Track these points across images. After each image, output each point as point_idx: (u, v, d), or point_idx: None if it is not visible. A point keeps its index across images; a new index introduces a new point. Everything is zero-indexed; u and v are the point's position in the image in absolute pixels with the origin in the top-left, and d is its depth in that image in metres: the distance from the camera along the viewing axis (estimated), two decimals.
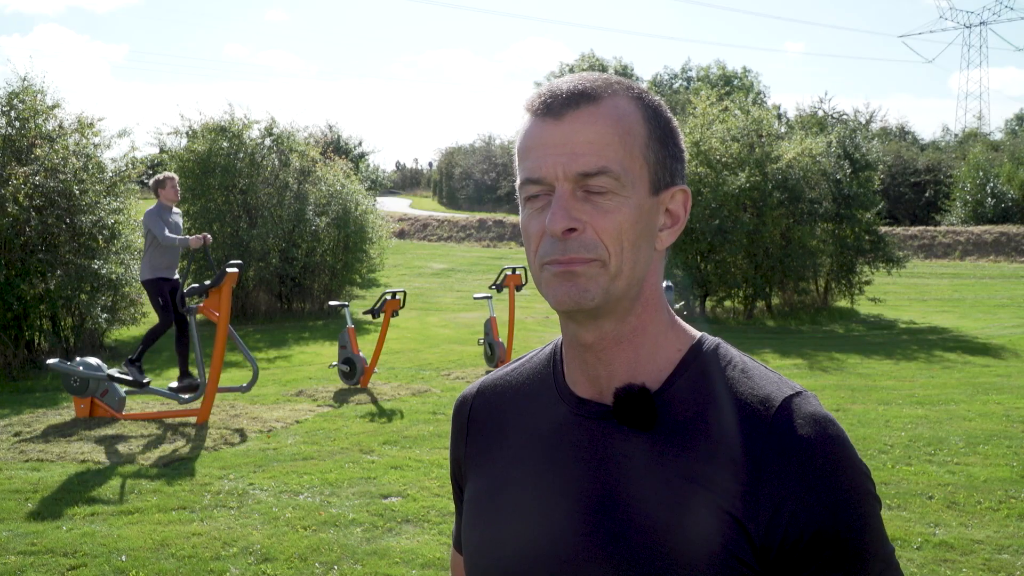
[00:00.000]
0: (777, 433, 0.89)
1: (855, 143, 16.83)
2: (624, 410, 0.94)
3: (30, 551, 4.41)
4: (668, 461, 0.91)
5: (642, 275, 0.95)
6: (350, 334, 8.75)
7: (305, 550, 4.42)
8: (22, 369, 9.82)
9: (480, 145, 52.45)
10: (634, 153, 0.92)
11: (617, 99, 0.94)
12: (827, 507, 0.86)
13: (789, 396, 0.91)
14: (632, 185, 0.92)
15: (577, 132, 0.91)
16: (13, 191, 9.65)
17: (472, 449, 1.09)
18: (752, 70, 66.40)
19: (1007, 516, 4.88)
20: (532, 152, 0.93)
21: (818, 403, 0.93)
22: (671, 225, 0.98)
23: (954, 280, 22.46)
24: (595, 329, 0.95)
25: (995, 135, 50.42)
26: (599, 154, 0.90)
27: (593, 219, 0.90)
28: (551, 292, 0.92)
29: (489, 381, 1.13)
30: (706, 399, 0.93)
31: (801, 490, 0.86)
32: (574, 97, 0.92)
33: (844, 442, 0.89)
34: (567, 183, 0.90)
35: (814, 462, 0.87)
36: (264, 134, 15.40)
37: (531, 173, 0.92)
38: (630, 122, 0.93)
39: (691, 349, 0.98)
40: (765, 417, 0.90)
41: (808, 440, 0.88)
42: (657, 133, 0.95)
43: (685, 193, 0.98)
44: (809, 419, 0.89)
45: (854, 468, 0.89)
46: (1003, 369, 10.24)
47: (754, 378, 0.94)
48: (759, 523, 0.87)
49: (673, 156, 0.97)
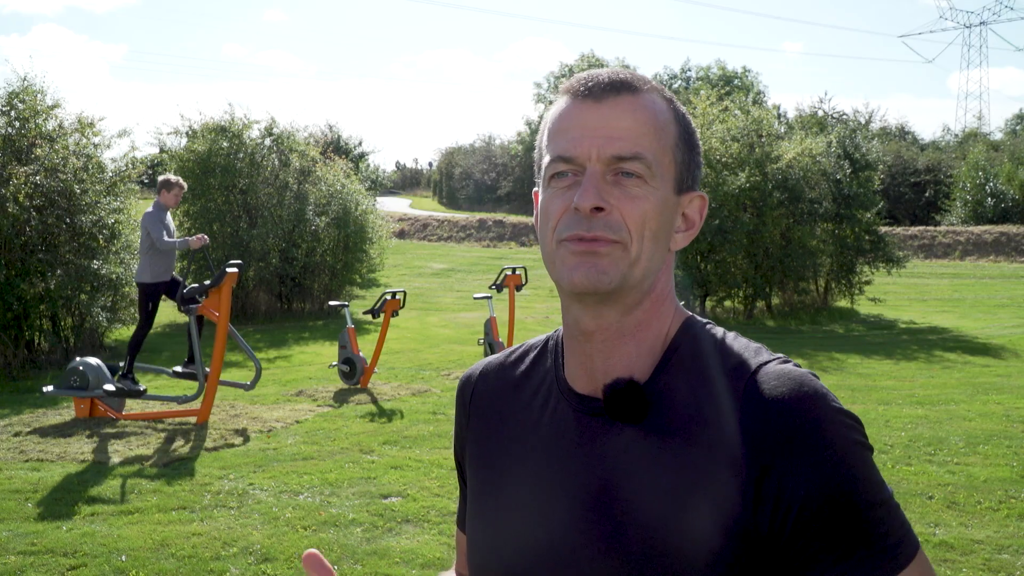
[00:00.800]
0: (753, 401, 0.88)
1: (855, 143, 16.82)
2: (614, 404, 0.93)
3: (30, 551, 4.41)
4: (664, 453, 0.91)
5: (656, 269, 0.95)
6: (350, 334, 8.76)
7: (305, 550, 4.42)
8: (22, 369, 9.83)
9: (480, 145, 52.45)
10: (665, 148, 0.94)
11: (654, 95, 0.96)
12: (816, 469, 0.84)
13: (763, 362, 0.91)
14: (661, 177, 0.93)
15: (616, 117, 0.93)
16: (13, 191, 9.65)
17: (473, 433, 1.10)
18: (752, 70, 66.36)
19: (1007, 516, 4.88)
20: (568, 132, 0.94)
21: (793, 365, 0.91)
22: (686, 229, 0.99)
23: (954, 280, 22.46)
24: (599, 317, 0.95)
25: (995, 135, 50.42)
26: (635, 141, 0.92)
27: (621, 203, 0.91)
28: (568, 270, 0.92)
29: (492, 365, 1.12)
30: (693, 384, 0.93)
31: (787, 457, 0.84)
32: (615, 84, 0.94)
33: (822, 397, 0.87)
34: (599, 164, 0.91)
35: (793, 425, 0.85)
36: (264, 134, 15.40)
37: (564, 151, 0.93)
38: (665, 119, 0.95)
39: (675, 336, 0.97)
40: (739, 387, 0.89)
41: (783, 402, 0.86)
42: (685, 136, 0.97)
43: (703, 200, 1.00)
44: (782, 379, 0.88)
45: (837, 422, 0.86)
46: (1003, 369, 10.24)
47: (732, 352, 0.94)
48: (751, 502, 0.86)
49: (695, 163, 0.99)
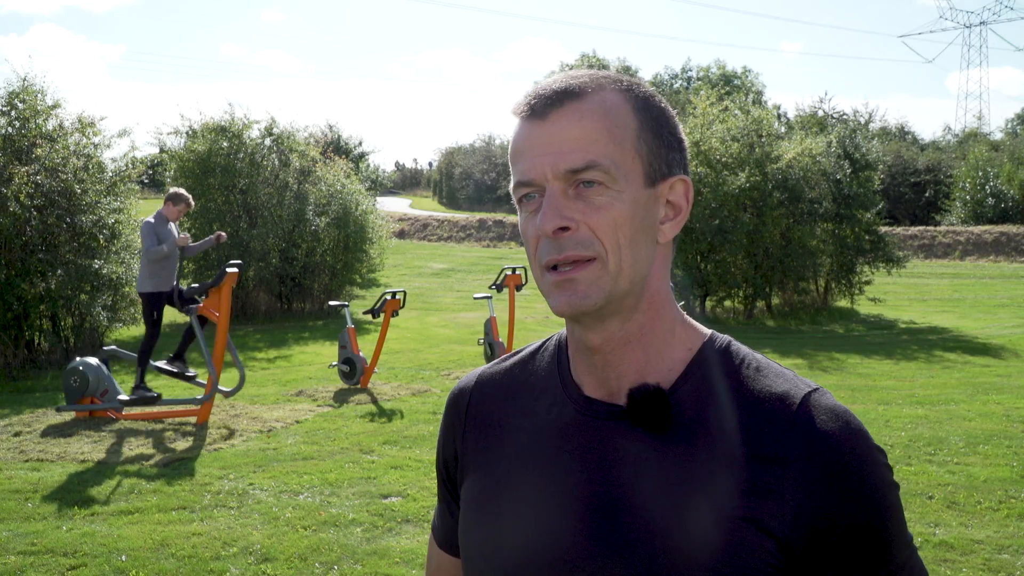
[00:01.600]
0: (800, 430, 0.88)
1: (855, 143, 16.83)
2: (639, 411, 0.91)
3: (30, 551, 4.41)
4: (680, 463, 0.89)
5: (645, 272, 0.92)
6: (350, 334, 8.75)
7: (305, 550, 4.42)
8: (22, 369, 9.83)
9: (480, 145, 52.43)
10: (624, 146, 0.90)
11: (603, 93, 0.91)
12: (856, 500, 0.86)
13: (808, 392, 0.91)
14: (625, 179, 0.89)
15: (562, 130, 0.89)
16: (14, 190, 9.65)
17: (470, 445, 1.05)
18: (752, 70, 66.40)
19: (1007, 516, 4.88)
20: (521, 155, 0.91)
21: (834, 399, 0.92)
22: (673, 216, 0.95)
23: (954, 280, 22.46)
24: (601, 331, 0.93)
25: (995, 135, 50.45)
26: (586, 149, 0.88)
27: (586, 216, 0.88)
28: (552, 299, 0.91)
29: (487, 374, 1.09)
30: (719, 398, 0.92)
31: (829, 485, 0.86)
32: (558, 96, 0.90)
33: (865, 435, 0.89)
34: (557, 182, 0.89)
35: (840, 457, 0.87)
36: (264, 134, 15.41)
37: (522, 176, 0.91)
38: (618, 115, 0.91)
39: (702, 348, 0.96)
40: (786, 414, 0.89)
41: (832, 435, 0.87)
42: (649, 124, 0.92)
43: (685, 183, 0.95)
44: (831, 414, 0.89)
45: (877, 460, 0.89)
46: (1003, 369, 10.24)
47: (769, 376, 0.93)
48: (784, 521, 0.86)
49: (669, 146, 0.94)
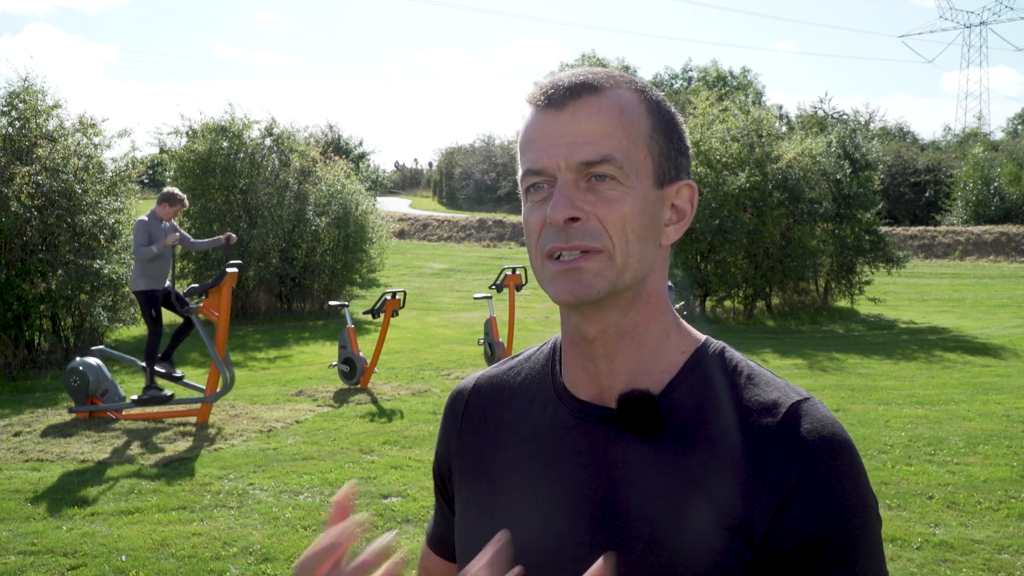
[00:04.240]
0: (784, 438, 0.87)
1: (855, 143, 16.83)
2: (629, 416, 0.91)
3: (30, 551, 4.42)
4: (670, 467, 0.89)
5: (646, 270, 0.93)
6: (350, 334, 8.75)
7: (305, 550, 4.42)
8: (22, 369, 9.83)
9: (480, 145, 52.47)
10: (638, 144, 0.91)
11: (619, 90, 0.92)
12: (831, 510, 0.85)
13: (797, 402, 0.90)
14: (636, 175, 0.90)
15: (579, 122, 0.89)
16: (15, 190, 9.65)
17: (465, 447, 1.06)
18: (751, 70, 66.42)
19: (1007, 516, 4.88)
20: (534, 143, 0.91)
21: (826, 409, 0.91)
22: (677, 220, 0.95)
23: (954, 280, 22.46)
24: (598, 321, 0.93)
25: (995, 135, 50.48)
26: (601, 143, 0.88)
27: (597, 208, 0.88)
28: (554, 287, 0.90)
29: (485, 377, 1.09)
30: (710, 404, 0.92)
31: (805, 493, 0.85)
32: (576, 88, 0.91)
33: (848, 448, 0.88)
34: (569, 173, 0.89)
35: (819, 467, 0.86)
36: (264, 134, 15.41)
37: (532, 164, 0.91)
38: (633, 113, 0.91)
39: (695, 353, 0.96)
40: (771, 423, 0.89)
41: (812, 444, 0.87)
42: (661, 126, 0.93)
43: (691, 188, 0.96)
44: (816, 424, 0.88)
45: (859, 476, 0.88)
46: (1003, 369, 10.24)
47: (760, 384, 0.93)
48: (761, 528, 0.85)
49: (678, 150, 0.95)
